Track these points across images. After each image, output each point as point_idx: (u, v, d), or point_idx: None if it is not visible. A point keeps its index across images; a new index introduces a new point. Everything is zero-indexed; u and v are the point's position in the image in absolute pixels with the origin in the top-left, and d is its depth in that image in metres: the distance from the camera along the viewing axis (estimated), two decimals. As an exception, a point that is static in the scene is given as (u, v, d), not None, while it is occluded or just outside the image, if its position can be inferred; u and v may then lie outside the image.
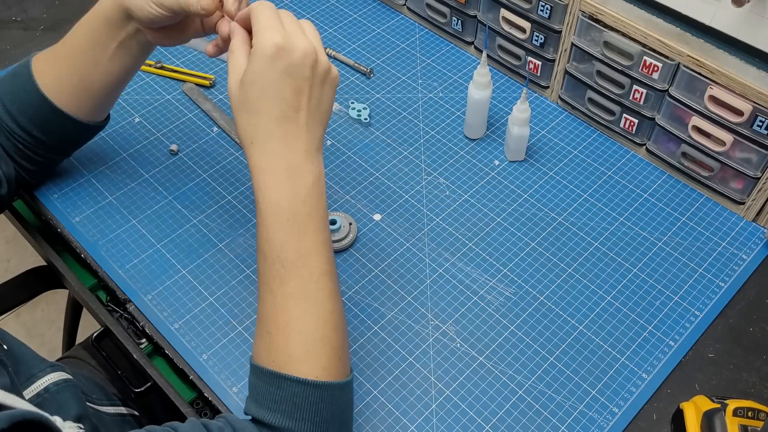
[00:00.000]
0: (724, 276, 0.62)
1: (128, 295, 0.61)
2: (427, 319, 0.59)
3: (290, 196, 0.44)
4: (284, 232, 0.44)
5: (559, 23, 0.69)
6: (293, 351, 0.44)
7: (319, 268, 0.45)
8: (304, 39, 0.45)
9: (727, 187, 0.66)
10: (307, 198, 0.45)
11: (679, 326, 0.59)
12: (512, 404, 0.54)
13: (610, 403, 0.54)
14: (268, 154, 0.44)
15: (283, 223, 0.44)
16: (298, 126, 0.45)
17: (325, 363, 0.45)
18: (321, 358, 0.44)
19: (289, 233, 0.44)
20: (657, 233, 0.66)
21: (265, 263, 0.45)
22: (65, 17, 0.86)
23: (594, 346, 0.58)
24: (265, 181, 0.45)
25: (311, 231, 0.45)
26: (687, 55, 0.61)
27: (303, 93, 0.44)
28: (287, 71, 0.44)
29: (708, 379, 0.56)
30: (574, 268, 0.63)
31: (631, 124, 0.70)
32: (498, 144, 0.73)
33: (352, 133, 0.74)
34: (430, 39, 0.84)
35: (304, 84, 0.44)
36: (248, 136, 0.45)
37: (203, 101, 0.77)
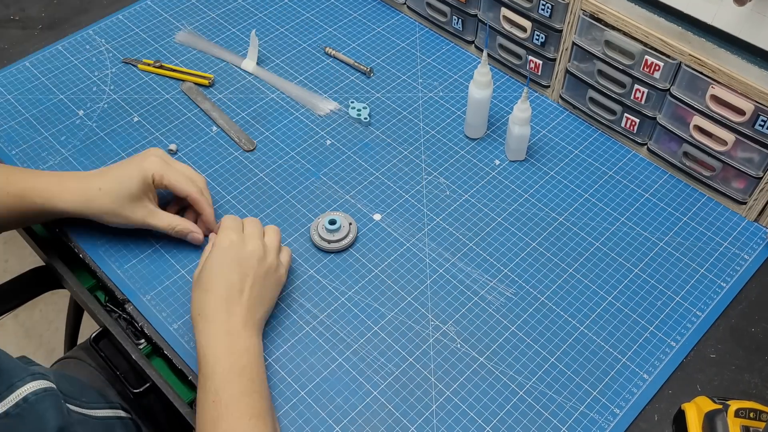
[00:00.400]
0: (726, 276, 0.62)
1: (127, 296, 0.60)
2: (427, 319, 0.59)
3: (228, 351, 0.51)
4: (219, 380, 0.49)
5: (560, 22, 0.69)
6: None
7: (252, 411, 0.49)
8: (256, 240, 0.56)
9: (728, 187, 0.66)
10: (244, 353, 0.51)
11: (681, 327, 0.59)
12: (513, 405, 0.54)
13: (612, 404, 0.54)
14: (212, 323, 0.52)
15: (218, 374, 0.50)
16: (240, 304, 0.53)
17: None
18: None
19: (224, 379, 0.49)
20: (658, 233, 0.65)
21: (201, 410, 0.49)
22: (63, 16, 0.86)
23: (595, 347, 0.57)
24: (207, 343, 0.51)
25: (246, 379, 0.50)
26: (688, 55, 0.61)
27: (247, 279, 0.54)
28: (236, 260, 0.54)
29: (710, 379, 0.56)
30: (575, 268, 0.63)
31: (633, 123, 0.69)
32: (498, 144, 0.73)
33: (352, 132, 0.74)
34: (431, 38, 0.84)
35: (250, 272, 0.54)
36: (198, 308, 0.53)
37: (202, 100, 0.76)
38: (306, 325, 0.59)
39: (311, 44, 0.83)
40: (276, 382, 0.56)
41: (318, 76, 0.79)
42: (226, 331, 0.52)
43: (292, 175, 0.70)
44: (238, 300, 0.53)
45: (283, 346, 0.58)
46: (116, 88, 0.77)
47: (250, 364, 0.51)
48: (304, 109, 0.76)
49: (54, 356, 1.19)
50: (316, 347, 0.57)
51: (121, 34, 0.83)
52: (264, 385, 0.52)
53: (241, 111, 0.76)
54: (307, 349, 0.57)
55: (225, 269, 0.54)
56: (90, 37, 0.83)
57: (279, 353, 0.57)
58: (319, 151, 0.72)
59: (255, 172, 0.70)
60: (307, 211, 0.67)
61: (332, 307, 0.60)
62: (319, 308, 0.60)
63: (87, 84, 0.78)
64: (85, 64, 0.80)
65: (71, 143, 0.72)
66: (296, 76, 0.79)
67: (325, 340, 0.58)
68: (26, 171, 0.60)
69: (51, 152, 0.71)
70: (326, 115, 0.75)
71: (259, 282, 0.55)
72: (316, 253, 0.64)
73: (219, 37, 0.84)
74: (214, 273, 0.54)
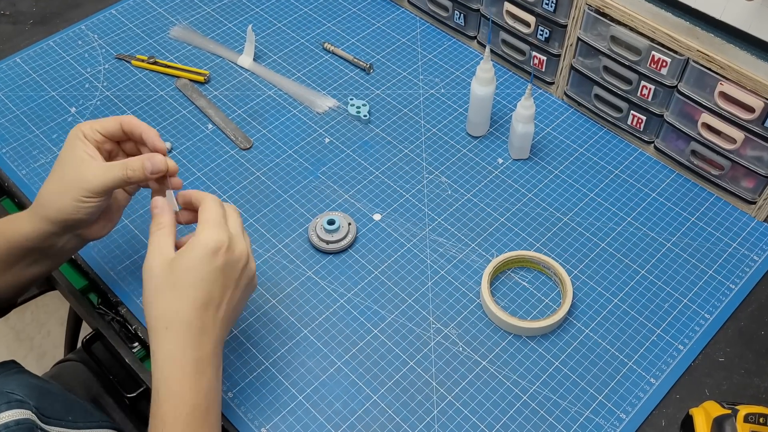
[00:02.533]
0: (735, 278, 0.61)
1: (120, 298, 0.60)
2: (428, 322, 0.58)
3: (194, 391, 0.44)
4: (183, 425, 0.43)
5: (564, 17, 0.68)
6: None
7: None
8: (243, 243, 0.47)
9: (737, 186, 0.65)
10: (209, 392, 0.45)
11: (689, 329, 0.58)
12: (516, 410, 0.53)
13: (618, 409, 0.53)
14: (181, 344, 0.44)
15: (184, 417, 0.44)
16: (215, 321, 0.46)
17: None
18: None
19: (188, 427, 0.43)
20: (665, 234, 0.64)
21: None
22: (55, 11, 0.84)
23: (601, 350, 0.56)
24: (172, 372, 0.44)
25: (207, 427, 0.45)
26: (696, 50, 0.60)
27: (228, 291, 0.46)
28: (222, 269, 0.45)
29: (718, 384, 0.55)
30: (580, 269, 0.62)
31: (639, 121, 0.68)
32: (501, 142, 0.72)
33: (351, 130, 0.73)
34: (432, 33, 0.82)
35: (232, 284, 0.47)
36: (165, 319, 0.44)
37: (198, 97, 0.75)
38: (304, 327, 0.58)
39: (309, 40, 0.82)
40: (273, 386, 0.54)
41: (316, 72, 0.78)
42: (194, 359, 0.44)
43: (290, 174, 0.69)
44: (214, 316, 0.46)
45: (281, 349, 0.56)
46: (109, 84, 0.76)
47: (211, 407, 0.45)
48: (302, 107, 0.75)
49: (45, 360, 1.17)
50: (315, 350, 0.56)
51: (114, 29, 0.82)
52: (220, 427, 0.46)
53: (237, 108, 0.74)
54: (305, 352, 0.56)
55: (208, 277, 0.45)
56: (82, 33, 0.82)
57: (276, 357, 0.56)
58: (317, 149, 0.71)
59: (252, 171, 0.69)
60: (305, 211, 0.66)
61: (331, 309, 0.59)
62: (317, 311, 0.59)
63: (79, 80, 0.76)
64: (78, 60, 0.79)
65: (63, 141, 0.70)
66: (294, 72, 0.78)
67: (324, 343, 0.57)
68: None
69: (42, 150, 0.70)
70: (325, 113, 0.74)
71: (239, 294, 0.48)
72: (315, 254, 0.62)
73: (215, 33, 0.82)
74: (195, 278, 0.44)
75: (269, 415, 0.53)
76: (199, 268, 0.45)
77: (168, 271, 0.45)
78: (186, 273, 0.44)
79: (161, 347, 0.44)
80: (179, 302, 0.44)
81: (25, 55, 0.79)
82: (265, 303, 0.59)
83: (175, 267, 0.45)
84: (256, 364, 0.56)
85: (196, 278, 0.44)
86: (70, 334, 0.83)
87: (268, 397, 0.54)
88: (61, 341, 1.06)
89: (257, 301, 0.59)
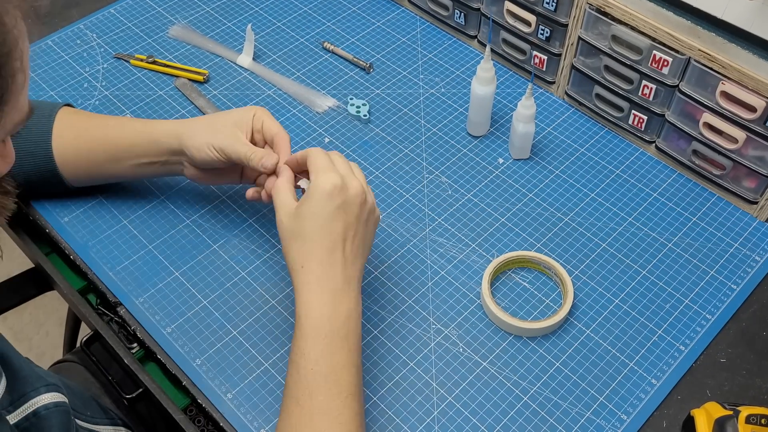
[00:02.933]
0: (737, 278, 0.61)
1: (119, 298, 0.59)
2: (428, 322, 0.58)
3: (331, 316, 0.48)
4: (321, 347, 0.48)
5: (565, 16, 0.68)
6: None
7: (349, 388, 0.48)
8: (356, 180, 0.51)
9: (739, 186, 0.65)
10: (346, 320, 0.49)
11: (690, 330, 0.58)
12: (517, 411, 0.53)
13: (619, 410, 0.53)
14: (316, 278, 0.49)
15: (321, 339, 0.48)
16: (344, 256, 0.50)
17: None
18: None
19: (325, 350, 0.48)
20: (667, 234, 0.64)
21: (297, 375, 0.48)
22: (53, 10, 0.84)
23: (602, 351, 0.56)
24: (310, 300, 0.49)
25: (345, 351, 0.48)
26: (698, 50, 0.60)
27: (351, 227, 0.50)
28: (341, 207, 0.50)
29: (720, 385, 0.55)
30: (581, 269, 0.61)
31: (640, 120, 0.68)
32: (502, 141, 0.71)
33: (351, 130, 0.73)
34: (432, 33, 0.82)
35: (353, 220, 0.50)
36: (298, 261, 0.50)
37: (197, 97, 0.75)
38: (304, 328, 0.57)
39: (309, 39, 0.81)
40: (273, 387, 0.54)
41: (316, 71, 0.78)
42: (330, 289, 0.49)
43: (290, 173, 0.68)
44: (342, 251, 0.50)
45: (280, 350, 0.56)
46: (108, 84, 0.76)
47: (350, 333, 0.49)
48: (301, 106, 0.75)
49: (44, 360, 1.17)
50: (315, 352, 0.56)
51: (113, 28, 0.82)
52: (359, 357, 0.50)
53: (236, 108, 0.74)
54: (304, 353, 0.56)
55: (330, 217, 0.49)
56: (81, 32, 0.81)
57: (275, 357, 0.56)
58: (317, 148, 0.71)
59: (251, 171, 0.69)
60: (305, 211, 0.65)
61: (331, 310, 0.59)
62: (317, 311, 0.58)
63: (78, 80, 0.76)
64: (76, 59, 0.78)
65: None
66: (293, 71, 0.78)
67: (324, 344, 0.56)
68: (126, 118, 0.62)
69: (41, 150, 0.69)
70: (324, 112, 0.74)
71: (362, 229, 0.51)
72: (314, 255, 0.62)
73: (214, 32, 0.82)
74: (318, 221, 0.49)
75: (269, 416, 0.53)
76: (320, 211, 0.49)
77: (294, 220, 0.50)
78: (310, 218, 0.49)
79: (300, 281, 0.49)
80: (309, 244, 0.49)
81: (24, 54, 0.79)
82: (264, 303, 0.59)
83: (299, 215, 0.50)
84: (255, 365, 0.55)
85: (319, 221, 0.49)
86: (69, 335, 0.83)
87: (267, 398, 0.54)
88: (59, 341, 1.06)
89: (256, 302, 0.59)
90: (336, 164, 0.51)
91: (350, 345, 0.49)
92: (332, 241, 0.49)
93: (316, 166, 0.51)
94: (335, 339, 0.48)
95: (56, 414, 0.44)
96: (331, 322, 0.48)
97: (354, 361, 0.49)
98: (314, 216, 0.49)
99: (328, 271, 0.49)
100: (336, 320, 0.48)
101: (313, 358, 0.47)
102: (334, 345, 0.48)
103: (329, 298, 0.49)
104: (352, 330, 0.49)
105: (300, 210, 0.50)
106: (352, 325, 0.49)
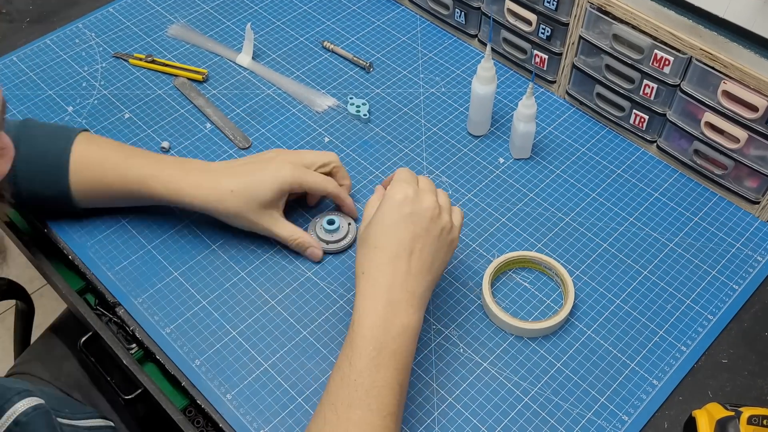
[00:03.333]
0: (738, 278, 0.61)
1: (118, 299, 0.59)
2: (428, 323, 0.58)
3: (383, 327, 0.47)
4: (368, 359, 0.47)
5: (566, 15, 0.68)
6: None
7: (389, 407, 0.46)
8: (432, 196, 0.51)
9: (741, 186, 0.64)
10: (398, 336, 0.48)
11: (692, 331, 0.57)
12: (518, 412, 0.53)
13: (620, 411, 0.53)
14: (374, 285, 0.49)
15: (369, 351, 0.47)
16: (408, 268, 0.49)
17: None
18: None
19: (372, 363, 0.46)
20: (668, 234, 0.64)
21: (341, 382, 0.47)
22: (52, 9, 0.84)
23: (603, 352, 0.56)
24: (365, 307, 0.48)
25: (392, 368, 0.47)
26: (699, 49, 0.59)
27: (419, 240, 0.50)
28: (409, 217, 0.50)
29: (721, 385, 0.55)
30: (582, 270, 0.61)
31: (642, 120, 0.68)
32: (503, 141, 0.71)
33: (351, 129, 0.72)
34: (432, 32, 0.82)
35: (422, 232, 0.50)
36: (362, 266, 0.50)
37: (196, 96, 0.74)
38: (303, 329, 0.57)
39: (308, 38, 0.81)
40: (272, 388, 0.54)
41: (315, 71, 0.77)
42: (386, 300, 0.48)
43: (289, 173, 0.68)
44: (407, 261, 0.49)
45: (280, 350, 0.56)
46: (107, 83, 0.75)
47: (402, 349, 0.47)
48: (301, 106, 0.74)
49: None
50: (314, 352, 0.56)
51: (112, 27, 0.81)
52: (407, 377, 0.48)
53: (236, 107, 0.74)
54: (304, 353, 0.56)
55: (396, 225, 0.49)
56: (79, 31, 0.81)
57: (275, 358, 0.56)
58: (317, 148, 0.71)
59: (250, 171, 0.68)
60: (305, 211, 0.65)
61: (330, 310, 0.58)
62: (316, 311, 0.58)
63: (76, 79, 0.76)
64: (75, 58, 0.78)
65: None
66: (293, 71, 0.78)
67: (324, 344, 0.56)
68: (145, 154, 0.59)
69: (39, 149, 0.69)
70: (324, 112, 0.74)
71: (431, 243, 0.50)
72: (314, 255, 0.62)
73: (213, 31, 0.82)
74: (384, 228, 0.49)
75: (268, 417, 0.53)
76: (387, 218, 0.50)
77: (366, 228, 0.51)
78: (376, 225, 0.50)
79: (359, 289, 0.49)
80: (373, 251, 0.49)
81: (22, 53, 0.78)
82: (264, 304, 0.59)
83: (371, 222, 0.51)
84: (255, 365, 0.55)
85: (384, 228, 0.50)
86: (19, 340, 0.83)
87: (267, 399, 0.54)
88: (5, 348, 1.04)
89: (256, 302, 0.59)
90: (420, 181, 0.52)
91: (398, 363, 0.47)
92: (396, 250, 0.49)
93: (396, 178, 0.52)
94: (384, 353, 0.47)
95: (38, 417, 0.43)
96: (382, 333, 0.47)
97: (400, 380, 0.47)
98: (380, 222, 0.50)
99: (388, 280, 0.48)
100: (387, 333, 0.47)
101: (358, 368, 0.46)
102: (382, 359, 0.46)
103: (383, 307, 0.48)
104: (404, 347, 0.48)
105: (373, 218, 0.51)
106: (406, 343, 0.48)
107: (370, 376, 0.46)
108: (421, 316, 0.50)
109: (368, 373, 0.46)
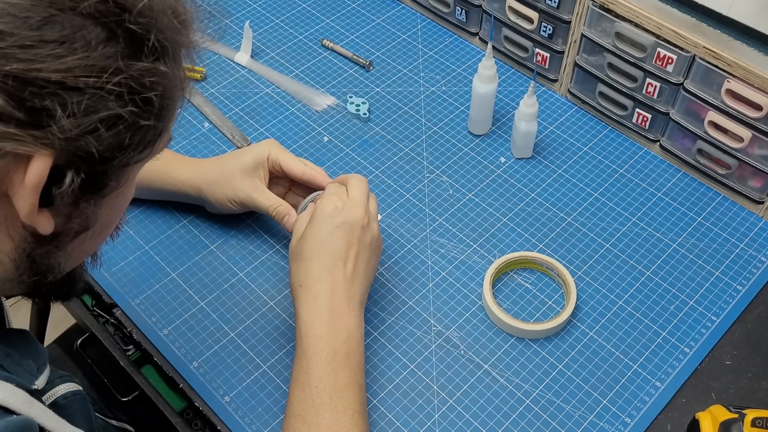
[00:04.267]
0: (742, 279, 0.60)
1: (115, 300, 0.58)
2: (429, 324, 0.57)
3: (332, 336, 0.49)
4: (324, 365, 0.48)
5: (568, 13, 0.67)
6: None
7: (354, 405, 0.48)
8: (360, 207, 0.53)
9: (745, 186, 0.64)
10: (347, 340, 0.49)
11: (695, 332, 0.57)
12: (519, 414, 0.52)
13: (622, 413, 0.52)
14: (315, 297, 0.50)
15: (324, 356, 0.48)
16: (344, 276, 0.51)
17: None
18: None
19: (329, 368, 0.48)
20: (671, 234, 0.63)
21: (302, 393, 0.48)
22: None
23: (605, 353, 0.56)
24: (310, 319, 0.49)
25: (348, 369, 0.49)
26: (703, 47, 0.59)
27: (352, 248, 0.51)
28: (341, 227, 0.51)
29: (725, 387, 0.54)
30: (584, 270, 0.61)
31: (644, 119, 0.67)
32: (504, 140, 0.71)
33: (351, 128, 0.72)
34: (433, 30, 0.81)
35: (355, 241, 0.51)
36: (298, 280, 0.51)
37: (194, 95, 0.74)
38: (302, 330, 0.57)
39: (308, 36, 0.80)
40: (271, 390, 0.54)
41: (315, 69, 0.77)
42: (329, 308, 0.49)
43: (288, 172, 0.68)
44: (343, 271, 0.50)
45: (279, 352, 0.56)
46: (104, 81, 0.75)
47: (352, 352, 0.49)
48: (300, 104, 0.74)
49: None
50: (313, 354, 0.55)
51: (110, 25, 0.81)
52: (363, 377, 0.50)
53: (234, 106, 0.73)
54: (303, 356, 0.55)
55: (330, 236, 0.51)
56: (77, 29, 0.80)
57: (274, 360, 0.55)
58: (316, 148, 0.70)
59: (249, 170, 0.68)
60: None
61: (330, 311, 0.58)
62: (316, 313, 0.58)
63: (74, 77, 0.75)
64: (72, 56, 0.77)
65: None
66: (292, 69, 0.77)
67: (323, 346, 0.56)
68: None
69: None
70: (323, 111, 0.73)
71: (363, 251, 0.52)
72: (313, 255, 0.61)
73: (211, 29, 0.81)
74: (317, 240, 0.51)
75: (267, 419, 0.52)
76: (320, 230, 0.51)
77: (298, 242, 0.52)
78: (309, 238, 0.51)
79: (299, 301, 0.50)
80: (307, 263, 0.51)
81: (19, 51, 0.78)
82: (262, 305, 0.58)
83: (303, 236, 0.52)
84: (253, 367, 0.55)
85: (317, 241, 0.51)
86: None
87: (265, 401, 0.53)
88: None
89: (254, 303, 0.58)
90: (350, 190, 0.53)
91: (352, 364, 0.49)
92: (332, 260, 0.50)
93: (325, 193, 0.54)
94: (338, 357, 0.48)
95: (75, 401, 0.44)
96: (333, 339, 0.49)
97: (358, 380, 0.49)
98: (313, 234, 0.51)
99: (327, 289, 0.50)
100: (337, 338, 0.49)
101: (317, 374, 0.47)
102: (337, 363, 0.48)
103: (328, 315, 0.49)
104: (353, 350, 0.49)
105: (304, 232, 0.52)
106: (354, 345, 0.50)
107: (331, 380, 0.47)
108: (362, 320, 0.52)
109: (328, 377, 0.47)
